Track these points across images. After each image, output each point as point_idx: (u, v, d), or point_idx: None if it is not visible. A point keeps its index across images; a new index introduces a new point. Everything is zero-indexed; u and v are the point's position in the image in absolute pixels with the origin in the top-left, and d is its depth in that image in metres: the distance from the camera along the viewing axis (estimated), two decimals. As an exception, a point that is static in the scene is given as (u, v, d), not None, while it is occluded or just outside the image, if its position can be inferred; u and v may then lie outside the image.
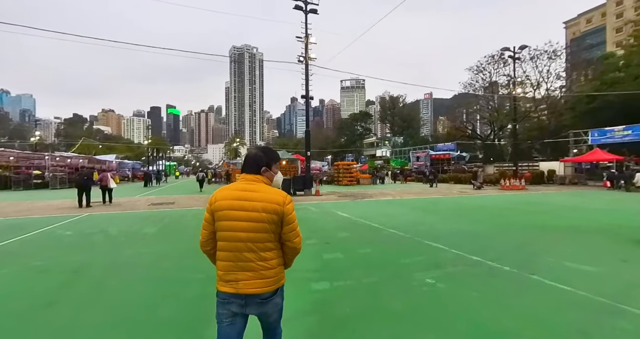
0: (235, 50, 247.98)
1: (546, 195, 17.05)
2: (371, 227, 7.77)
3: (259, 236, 1.62)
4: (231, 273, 1.63)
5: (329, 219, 8.95)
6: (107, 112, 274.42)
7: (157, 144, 68.25)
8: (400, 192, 18.33)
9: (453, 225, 8.06)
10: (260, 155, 1.78)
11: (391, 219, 8.81)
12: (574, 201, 14.14)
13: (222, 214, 1.64)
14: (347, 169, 28.26)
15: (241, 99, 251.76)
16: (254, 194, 1.65)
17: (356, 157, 61.01)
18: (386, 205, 12.54)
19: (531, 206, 12.00)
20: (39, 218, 9.68)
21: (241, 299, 1.62)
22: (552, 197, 15.50)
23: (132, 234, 7.22)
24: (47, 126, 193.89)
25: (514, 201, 14.07)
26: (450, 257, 5.12)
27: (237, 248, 1.62)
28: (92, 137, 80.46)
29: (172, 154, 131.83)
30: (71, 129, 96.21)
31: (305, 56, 16.34)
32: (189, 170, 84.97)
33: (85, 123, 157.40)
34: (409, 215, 9.81)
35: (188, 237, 6.81)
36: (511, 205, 12.45)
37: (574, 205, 12.45)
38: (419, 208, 11.51)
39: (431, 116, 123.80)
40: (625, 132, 25.08)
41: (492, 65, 42.49)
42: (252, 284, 1.61)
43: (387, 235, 6.84)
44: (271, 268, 1.66)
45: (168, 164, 75.29)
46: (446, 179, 30.71)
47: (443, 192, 18.51)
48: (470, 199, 15.02)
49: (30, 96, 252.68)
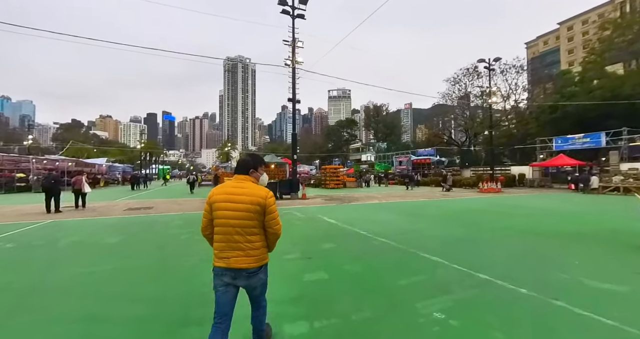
0: (229, 61, 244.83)
1: (522, 197, 16.45)
2: (359, 235, 6.63)
3: (246, 223, 1.98)
4: (224, 252, 2.00)
5: (314, 226, 7.77)
6: (105, 118, 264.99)
7: (150, 148, 65.47)
8: (386, 196, 17.34)
9: (445, 231, 7.02)
10: (249, 160, 2.19)
11: (380, 226, 7.72)
12: (550, 203, 13.52)
13: (218, 206, 2.01)
14: (334, 173, 27.15)
15: (234, 106, 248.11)
16: (243, 190, 2.01)
17: (343, 162, 60.14)
18: (373, 209, 11.46)
19: (515, 209, 11.19)
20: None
21: (232, 272, 1.98)
22: (529, 200, 14.85)
23: (87, 246, 5.83)
24: (45, 131, 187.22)
25: (496, 203, 13.28)
26: (454, 275, 4.03)
27: (228, 232, 1.98)
28: (87, 142, 76.83)
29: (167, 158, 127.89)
30: (68, 134, 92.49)
31: (292, 59, 15.23)
32: (181, 173, 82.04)
33: (82, 128, 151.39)
34: (398, 221, 8.73)
35: (150, 249, 5.50)
36: (495, 208, 11.61)
37: (552, 208, 11.72)
38: (406, 213, 10.48)
39: (411, 124, 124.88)
40: (585, 139, 26.48)
41: (467, 77, 42.81)
42: (241, 261, 1.97)
43: (378, 246, 5.71)
44: (256, 248, 2.02)
45: (161, 168, 72.54)
46: (427, 183, 30.12)
47: (427, 195, 17.64)
48: (454, 202, 14.15)
49: (30, 102, 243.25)
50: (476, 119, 43.64)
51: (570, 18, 68.35)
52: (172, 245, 5.86)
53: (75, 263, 4.70)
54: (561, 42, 69.87)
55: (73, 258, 5.01)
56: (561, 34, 70.35)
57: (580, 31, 64.73)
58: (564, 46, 68.66)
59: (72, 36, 50.70)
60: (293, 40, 15.46)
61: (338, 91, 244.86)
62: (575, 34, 66.45)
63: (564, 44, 68.87)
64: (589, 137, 26.08)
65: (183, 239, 6.32)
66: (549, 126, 33.39)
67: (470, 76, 42.34)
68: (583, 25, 64.83)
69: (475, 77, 41.89)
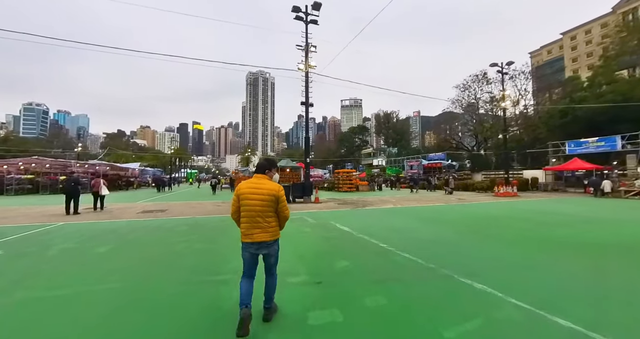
0: (251, 75, 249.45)
1: (541, 202, 14.44)
2: (377, 248, 5.28)
3: (265, 209, 2.53)
4: (249, 230, 2.53)
5: (326, 236, 6.46)
6: (144, 128, 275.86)
7: (179, 153, 66.49)
8: (400, 200, 15.77)
9: (478, 244, 5.54)
10: (265, 163, 2.74)
11: (399, 236, 6.33)
12: (575, 208, 11.58)
13: (245, 197, 2.54)
14: (347, 177, 25.73)
15: (255, 116, 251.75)
16: (262, 185, 2.58)
17: (355, 166, 58.49)
18: (389, 215, 10.02)
19: (543, 216, 9.43)
20: (5, 227, 7.35)
21: (256, 244, 2.54)
22: (550, 205, 12.90)
23: (70, 257, 4.81)
24: (96, 140, 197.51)
25: (518, 209, 11.49)
26: (520, 321, 2.63)
27: (252, 216, 2.52)
28: (127, 149, 79.39)
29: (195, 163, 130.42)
30: (112, 142, 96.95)
31: (305, 63, 14.14)
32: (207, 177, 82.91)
33: (124, 137, 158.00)
34: (418, 229, 7.29)
35: (133, 264, 4.38)
36: (520, 214, 9.87)
37: (581, 214, 9.84)
38: (425, 218, 8.98)
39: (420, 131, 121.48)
40: (599, 143, 24.26)
41: (476, 83, 40.47)
42: (262, 236, 2.53)
43: (402, 264, 4.34)
44: (272, 227, 2.59)
45: (190, 172, 73.56)
46: (439, 186, 28.07)
47: (442, 199, 15.95)
48: (473, 207, 12.44)
49: (85, 115, 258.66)
50: (485, 124, 41.07)
51: (572, 28, 66.87)
52: (161, 260, 4.72)
53: (36, 282, 3.63)
54: (565, 51, 68.28)
55: (41, 274, 3.96)
56: (564, 44, 68.81)
57: (583, 40, 63.64)
58: (567, 55, 67.13)
59: (116, 48, 51.62)
60: (306, 45, 14.39)
61: (350, 101, 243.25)
62: (579, 43, 65.30)
63: (567, 53, 67.36)
64: (603, 141, 23.86)
65: (176, 251, 5.19)
66: (558, 130, 31.48)
67: (479, 82, 40.01)
68: (586, 34, 63.70)
69: (484, 83, 39.53)
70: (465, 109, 43.46)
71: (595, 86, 31.28)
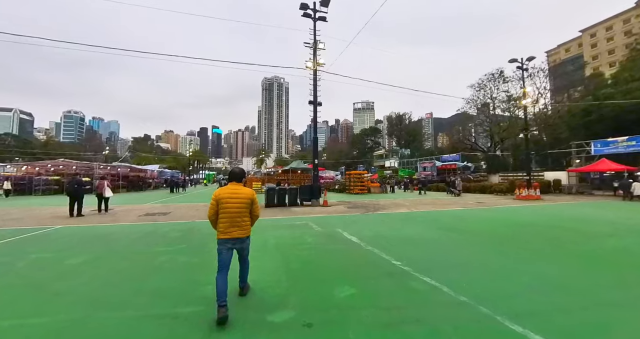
0: (266, 81, 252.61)
1: (571, 207, 12.72)
2: (391, 268, 4.18)
3: (242, 210, 2.93)
4: (228, 228, 2.87)
5: (330, 249, 5.42)
6: (168, 132, 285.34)
7: (197, 156, 67.48)
8: (414, 203, 14.45)
9: (523, 264, 4.30)
10: (238, 172, 3.12)
11: (418, 250, 5.20)
12: (612, 214, 9.78)
13: (224, 201, 2.88)
14: (358, 178, 24.46)
15: (270, 119, 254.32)
16: (239, 191, 2.97)
17: (367, 168, 56.91)
18: (403, 221, 8.84)
19: (582, 224, 7.94)
20: (4, 230, 6.87)
21: (233, 240, 2.90)
22: (582, 210, 11.22)
23: (35, 270, 4.06)
24: (125, 144, 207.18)
25: (547, 214, 9.97)
26: None
27: (232, 216, 2.88)
28: (151, 152, 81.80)
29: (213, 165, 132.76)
30: (139, 145, 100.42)
31: (313, 61, 13.21)
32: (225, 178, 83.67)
33: (149, 141, 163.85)
34: (440, 240, 6.11)
35: (98, 281, 3.52)
36: (556, 221, 8.39)
37: (623, 221, 8.18)
38: (446, 227, 7.74)
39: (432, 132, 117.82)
40: (629, 142, 21.66)
41: (492, 82, 38.06)
42: (239, 233, 2.91)
43: (422, 295, 3.22)
44: (247, 225, 2.99)
45: (207, 173, 74.56)
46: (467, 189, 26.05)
47: (460, 203, 14.49)
48: (497, 212, 10.97)
49: (116, 121, 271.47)
50: (502, 124, 38.52)
51: (592, 25, 62.21)
52: (130, 277, 3.87)
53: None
54: (584, 49, 63.50)
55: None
56: (584, 41, 64.19)
57: (604, 37, 59.42)
58: (587, 53, 62.38)
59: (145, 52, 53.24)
60: (314, 42, 13.46)
61: (362, 103, 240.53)
62: (599, 40, 60.77)
63: (587, 51, 62.65)
64: (634, 140, 21.32)
65: (154, 265, 4.33)
66: (581, 129, 28.99)
67: (495, 81, 37.60)
68: (607, 31, 59.23)
69: (501, 82, 37.08)
70: (481, 109, 41.08)
71: (622, 82, 28.69)
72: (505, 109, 37.77)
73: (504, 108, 37.80)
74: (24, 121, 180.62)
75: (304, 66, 13.47)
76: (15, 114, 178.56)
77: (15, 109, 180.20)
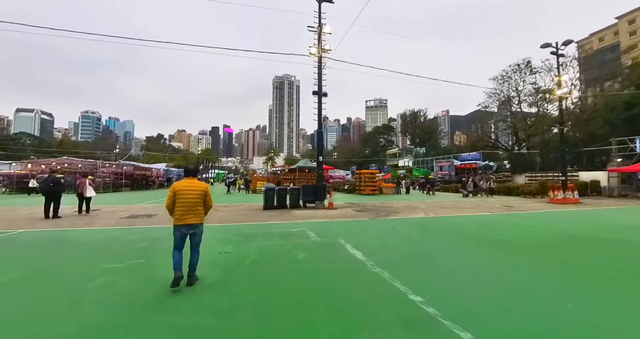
0: (277, 79, 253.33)
1: (623, 212, 10.91)
2: (408, 307, 2.86)
3: (197, 201, 3.48)
4: (184, 215, 3.40)
5: (324, 272, 4.10)
6: (181, 131, 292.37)
7: (206, 155, 67.79)
8: (432, 206, 12.92)
9: (622, 309, 2.91)
10: (194, 169, 3.74)
11: (445, 275, 3.85)
12: None
13: (181, 192, 3.43)
14: (369, 178, 22.95)
15: (281, 118, 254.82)
16: (194, 184, 3.54)
17: (379, 167, 55.09)
18: (421, 229, 7.45)
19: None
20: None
21: (187, 226, 3.44)
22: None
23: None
24: (139, 143, 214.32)
25: (604, 223, 8.27)
26: None
27: (187, 205, 3.42)
28: (162, 151, 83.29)
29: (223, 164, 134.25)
30: (151, 144, 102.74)
31: (318, 47, 11.96)
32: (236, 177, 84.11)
33: (161, 140, 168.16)
34: (473, 258, 4.72)
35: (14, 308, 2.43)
36: (622, 234, 6.73)
37: None
38: (476, 239, 6.30)
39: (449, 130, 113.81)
40: None
41: (518, 73, 35.37)
42: (193, 219, 3.45)
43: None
44: (200, 213, 3.53)
45: (218, 172, 74.84)
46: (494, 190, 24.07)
47: (484, 207, 12.85)
48: (532, 218, 9.33)
49: (131, 121, 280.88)
50: (529, 120, 35.78)
51: (631, 11, 56.93)
52: (41, 313, 2.78)
53: None
54: (621, 37, 58.21)
55: None
56: (620, 29, 59.04)
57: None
58: (625, 41, 56.90)
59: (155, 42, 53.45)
60: (319, 26, 12.21)
61: (375, 101, 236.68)
62: (639, 27, 55.54)
63: (624, 39, 57.25)
64: None
65: (86, 289, 3.22)
66: (622, 125, 26.41)
67: (521, 73, 34.92)
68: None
69: (528, 73, 34.38)
70: (504, 103, 38.37)
71: None
72: (532, 103, 35.00)
73: (531, 102, 35.03)
74: (45, 121, 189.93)
75: (307, 53, 12.23)
76: (36, 115, 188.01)
77: (37, 110, 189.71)
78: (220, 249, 5.13)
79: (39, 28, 39.24)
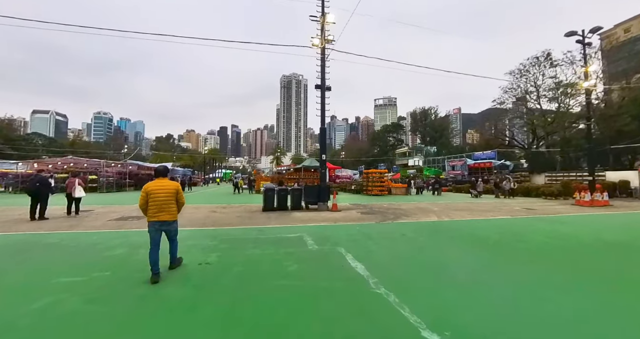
0: (285, 78, 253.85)
1: None
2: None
3: (168, 199, 3.74)
4: (157, 213, 3.65)
5: (316, 292, 3.41)
6: (190, 131, 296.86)
7: (213, 154, 68.09)
8: (444, 209, 12.01)
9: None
10: (164, 170, 4.03)
11: (466, 299, 3.09)
12: None
13: (153, 192, 3.68)
14: (378, 178, 22.03)
15: (289, 118, 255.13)
16: (165, 183, 3.81)
17: (388, 167, 53.89)
18: (433, 235, 6.65)
19: None
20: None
21: (160, 223, 3.68)
22: None
23: None
24: (149, 143, 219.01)
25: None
26: None
27: (159, 204, 3.67)
28: (170, 151, 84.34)
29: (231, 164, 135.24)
30: (160, 144, 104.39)
31: (321, 37, 11.25)
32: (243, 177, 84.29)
33: (170, 139, 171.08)
34: (497, 274, 3.93)
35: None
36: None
37: None
38: (497, 248, 5.46)
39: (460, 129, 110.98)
40: None
41: (536, 67, 33.62)
42: (165, 216, 3.70)
43: None
44: (173, 211, 3.80)
45: (225, 172, 75.15)
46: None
47: (502, 210, 11.86)
48: (560, 223, 8.34)
49: (141, 121, 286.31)
50: (547, 116, 34.00)
51: None
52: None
53: None
54: None
55: None
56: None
57: None
58: None
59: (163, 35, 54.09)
60: (322, 15, 11.49)
61: (384, 99, 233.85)
62: None
63: None
64: None
65: (18, 315, 2.64)
66: None
67: (540, 66, 33.19)
68: None
69: (547, 66, 32.62)
70: (520, 99, 36.61)
71: None
72: (552, 98, 33.20)
73: (551, 97, 33.24)
74: (59, 122, 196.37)
75: (310, 44, 11.54)
76: (51, 116, 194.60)
77: (52, 111, 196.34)
78: (202, 258, 4.51)
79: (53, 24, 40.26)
